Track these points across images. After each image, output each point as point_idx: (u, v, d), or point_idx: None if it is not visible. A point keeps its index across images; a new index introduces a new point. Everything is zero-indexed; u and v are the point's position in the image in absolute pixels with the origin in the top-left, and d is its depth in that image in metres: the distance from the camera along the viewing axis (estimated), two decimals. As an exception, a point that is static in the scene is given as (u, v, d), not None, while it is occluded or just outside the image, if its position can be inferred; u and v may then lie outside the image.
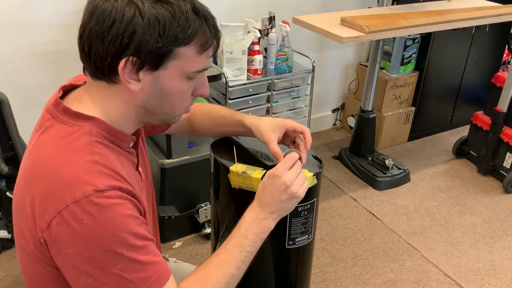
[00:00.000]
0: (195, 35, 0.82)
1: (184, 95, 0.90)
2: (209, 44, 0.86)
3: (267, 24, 2.49)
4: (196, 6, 0.82)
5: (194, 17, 0.81)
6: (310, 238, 1.19)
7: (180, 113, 0.94)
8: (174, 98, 0.88)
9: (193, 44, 0.83)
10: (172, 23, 0.79)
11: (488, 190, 2.85)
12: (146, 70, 0.82)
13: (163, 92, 0.86)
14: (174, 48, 0.81)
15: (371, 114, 2.90)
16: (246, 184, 1.07)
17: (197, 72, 0.88)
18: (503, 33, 3.21)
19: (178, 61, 0.83)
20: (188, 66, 0.85)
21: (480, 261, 2.30)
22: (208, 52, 0.87)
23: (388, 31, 2.23)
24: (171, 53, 0.82)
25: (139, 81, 0.83)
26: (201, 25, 0.83)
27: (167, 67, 0.83)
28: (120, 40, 0.78)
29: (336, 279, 2.16)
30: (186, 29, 0.81)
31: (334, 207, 2.64)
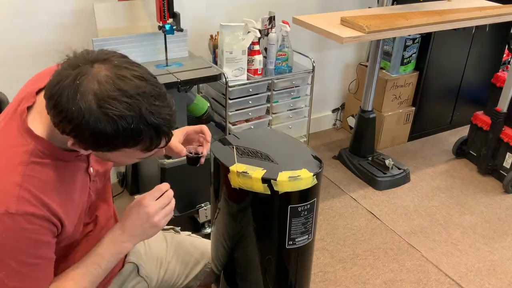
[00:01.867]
0: (137, 143, 0.89)
1: (132, 160, 1.00)
2: (155, 145, 0.92)
3: (267, 24, 2.49)
4: (144, 117, 0.86)
5: (139, 128, 0.86)
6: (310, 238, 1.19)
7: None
8: (122, 163, 1.02)
9: (137, 147, 0.90)
10: (113, 135, 0.85)
11: (488, 190, 2.85)
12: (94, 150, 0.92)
13: (107, 158, 0.98)
14: (117, 149, 0.90)
15: (371, 114, 2.90)
16: (246, 184, 1.07)
17: (147, 157, 0.97)
18: (503, 33, 3.21)
19: (123, 153, 0.92)
20: (134, 156, 0.94)
21: (480, 261, 2.30)
22: (157, 147, 0.94)
23: (388, 31, 2.23)
24: (115, 149, 0.90)
25: (86, 150, 0.91)
26: (147, 133, 0.88)
27: (112, 153, 0.92)
28: (66, 127, 0.85)
29: (336, 279, 2.16)
30: (128, 139, 0.87)
31: (334, 207, 2.64)
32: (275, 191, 1.07)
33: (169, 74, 2.07)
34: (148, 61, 2.19)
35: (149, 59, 2.20)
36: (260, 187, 1.07)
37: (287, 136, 1.34)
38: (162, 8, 2.02)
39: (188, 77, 2.06)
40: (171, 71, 2.11)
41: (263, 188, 1.07)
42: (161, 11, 2.03)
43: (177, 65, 2.19)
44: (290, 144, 1.29)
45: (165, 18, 2.04)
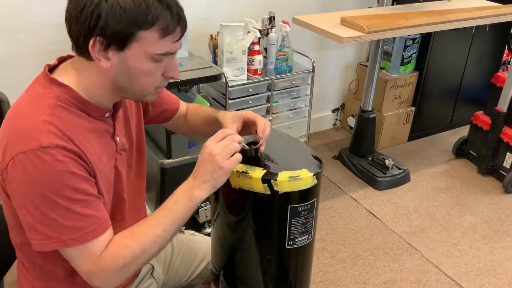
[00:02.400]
0: (155, 20, 0.90)
1: (151, 75, 0.97)
2: (171, 29, 0.92)
3: (267, 24, 2.49)
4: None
5: (156, 4, 0.89)
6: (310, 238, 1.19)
7: (149, 92, 1.01)
8: (141, 77, 0.96)
9: (154, 28, 0.90)
10: (132, 8, 0.88)
11: (488, 190, 2.85)
12: (113, 50, 0.91)
13: (130, 71, 0.95)
14: (135, 31, 0.90)
15: (371, 114, 2.90)
16: (246, 184, 1.07)
17: (162, 55, 0.95)
18: (503, 33, 3.21)
19: (140, 43, 0.91)
20: (150, 48, 0.92)
21: (480, 261, 2.30)
22: (172, 36, 0.93)
23: (388, 31, 2.23)
24: (133, 36, 0.90)
25: (109, 59, 0.92)
26: (163, 11, 0.90)
27: (131, 48, 0.92)
28: (88, 22, 0.89)
29: (336, 279, 2.16)
30: (146, 14, 0.89)
31: (334, 207, 2.64)
32: (275, 191, 1.07)
33: (169, 74, 2.07)
34: (148, 61, 2.19)
35: (149, 59, 2.20)
36: (260, 187, 1.07)
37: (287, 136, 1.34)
38: (162, 8, 2.02)
39: (188, 77, 2.06)
40: (171, 71, 2.10)
41: (263, 188, 1.07)
42: (161, 11, 2.03)
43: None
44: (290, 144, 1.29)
45: (165, 18, 2.04)
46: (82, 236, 0.93)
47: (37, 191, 0.90)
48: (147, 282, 1.32)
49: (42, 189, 0.89)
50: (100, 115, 1.02)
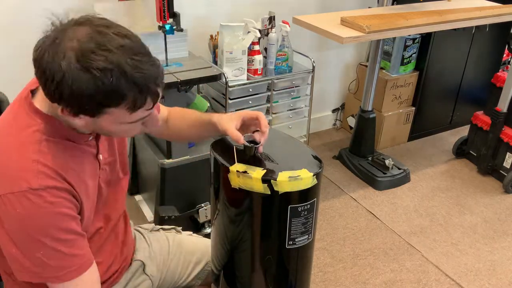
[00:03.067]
0: (121, 100, 0.86)
1: (129, 131, 0.99)
2: (140, 104, 0.89)
3: (267, 24, 2.49)
4: (124, 70, 0.84)
5: (120, 84, 0.84)
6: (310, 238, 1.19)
7: (132, 135, 1.00)
8: (119, 134, 0.99)
9: (122, 106, 0.88)
10: (94, 91, 0.84)
11: (488, 190, 2.85)
12: (84, 116, 0.90)
13: (105, 130, 0.96)
14: (103, 109, 0.88)
15: (371, 114, 2.90)
16: (246, 184, 1.07)
17: (137, 121, 0.94)
18: (503, 33, 3.21)
19: (110, 115, 0.90)
20: (122, 119, 0.92)
21: (480, 261, 2.30)
22: (143, 108, 0.91)
23: (388, 31, 2.23)
24: (102, 112, 0.89)
25: (81, 119, 0.91)
26: (129, 89, 0.86)
27: (102, 118, 0.90)
28: (53, 92, 0.86)
29: (336, 279, 2.16)
30: (110, 95, 0.85)
31: (334, 207, 2.64)
32: (275, 191, 1.07)
33: (169, 74, 2.07)
34: (148, 61, 2.19)
35: (149, 59, 2.20)
36: (260, 187, 1.07)
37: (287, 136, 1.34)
38: (162, 8, 2.02)
39: (188, 77, 2.06)
40: (171, 71, 2.11)
41: (263, 188, 1.07)
42: (161, 11, 2.03)
43: (177, 65, 2.19)
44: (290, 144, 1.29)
45: (165, 18, 2.04)
46: (66, 274, 0.95)
47: (24, 231, 0.90)
48: (139, 278, 1.32)
49: (30, 230, 0.90)
50: (84, 140, 1.03)
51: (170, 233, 1.48)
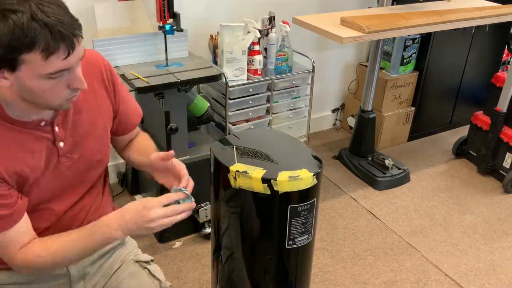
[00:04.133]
0: (33, 43, 0.88)
1: (53, 91, 0.98)
2: (53, 49, 0.90)
3: (267, 24, 2.49)
4: (35, 15, 0.88)
5: (32, 26, 0.87)
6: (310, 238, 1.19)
7: (60, 103, 1.03)
8: (43, 94, 0.97)
9: (35, 50, 0.89)
10: (6, 34, 0.87)
11: (488, 190, 2.85)
12: (6, 71, 0.92)
13: (28, 89, 0.96)
14: (17, 56, 0.90)
15: (371, 114, 2.90)
16: (246, 184, 1.08)
17: (55, 73, 0.94)
18: (503, 33, 3.21)
19: (28, 65, 0.91)
20: (39, 70, 0.92)
21: (480, 261, 2.30)
22: (57, 55, 0.92)
23: (388, 31, 2.23)
24: (17, 60, 0.90)
25: (6, 78, 0.94)
26: (41, 32, 0.88)
27: (22, 70, 0.92)
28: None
29: (336, 279, 2.16)
30: (22, 38, 0.87)
31: (334, 207, 2.64)
32: (275, 191, 1.07)
33: (169, 74, 2.07)
34: (148, 61, 2.19)
35: (149, 59, 2.20)
36: (260, 187, 1.07)
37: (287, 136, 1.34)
38: (162, 8, 2.02)
39: (188, 77, 2.06)
40: (171, 71, 2.11)
41: (263, 188, 1.07)
42: (161, 11, 2.03)
43: (177, 65, 2.19)
44: (290, 144, 1.30)
45: (165, 18, 2.04)
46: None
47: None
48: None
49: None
50: (31, 126, 1.06)
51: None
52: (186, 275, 2.14)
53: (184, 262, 2.21)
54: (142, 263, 1.36)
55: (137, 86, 1.93)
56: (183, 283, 2.10)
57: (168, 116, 2.10)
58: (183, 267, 2.18)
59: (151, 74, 2.05)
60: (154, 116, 2.26)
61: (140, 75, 2.02)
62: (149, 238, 2.33)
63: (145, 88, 1.95)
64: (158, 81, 1.99)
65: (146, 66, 2.14)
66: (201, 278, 2.13)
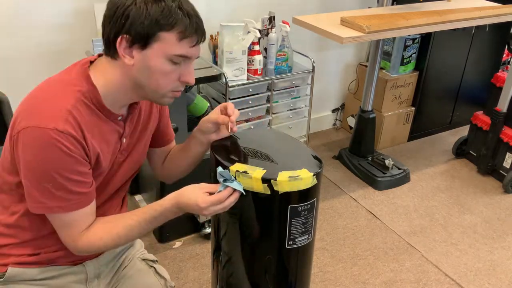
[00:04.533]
0: (175, 24, 1.01)
1: (168, 76, 1.07)
2: (188, 34, 1.03)
3: (267, 24, 2.49)
4: (182, 5, 1.03)
5: (177, 11, 1.02)
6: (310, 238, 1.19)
7: (165, 93, 1.10)
8: (159, 77, 1.06)
9: (174, 30, 1.02)
10: (156, 11, 1.00)
11: (488, 190, 2.85)
12: (136, 48, 1.03)
13: (149, 68, 1.05)
14: (157, 32, 1.01)
15: (371, 114, 2.90)
16: (246, 184, 1.08)
17: (179, 57, 1.05)
18: (503, 33, 3.21)
19: (161, 43, 1.02)
20: (169, 49, 1.03)
21: (480, 261, 2.30)
22: (189, 41, 1.04)
23: (388, 31, 2.23)
24: (155, 36, 1.02)
25: (132, 57, 1.04)
26: (183, 17, 1.02)
27: (153, 47, 1.03)
28: (118, 21, 1.01)
29: (336, 279, 2.16)
30: (168, 17, 1.01)
31: (334, 207, 2.64)
32: (275, 191, 1.07)
33: (169, 74, 2.07)
34: (148, 61, 2.19)
35: (149, 59, 2.20)
36: (260, 187, 1.07)
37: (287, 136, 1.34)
38: (162, 8, 2.02)
39: (188, 77, 2.05)
40: (171, 71, 2.10)
41: (263, 188, 1.07)
42: (161, 11, 2.03)
43: (177, 65, 2.19)
44: (290, 144, 1.29)
45: (165, 18, 2.04)
46: (68, 206, 1.07)
47: (40, 164, 1.01)
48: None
49: (45, 164, 1.01)
50: (113, 118, 1.13)
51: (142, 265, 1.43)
52: (186, 275, 2.14)
53: (184, 262, 2.21)
54: (149, 261, 1.42)
55: (137, 86, 1.93)
56: (183, 283, 2.10)
57: (168, 116, 2.09)
58: (183, 267, 2.18)
59: (151, 74, 2.05)
60: (154, 116, 2.26)
61: (140, 75, 2.02)
62: (149, 238, 2.33)
63: (145, 88, 1.94)
64: (158, 81, 1.99)
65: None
66: (201, 278, 2.13)
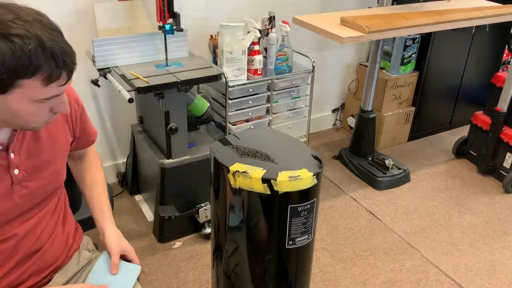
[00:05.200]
0: (37, 70, 0.88)
1: (37, 115, 0.97)
2: (55, 77, 0.91)
3: (267, 24, 2.49)
4: (43, 43, 0.87)
5: (37, 54, 0.87)
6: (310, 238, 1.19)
7: (37, 126, 1.01)
8: (25, 117, 0.95)
9: (37, 77, 0.89)
10: (11, 60, 0.85)
11: (488, 190, 2.85)
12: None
13: (12, 111, 0.94)
14: (15, 80, 0.88)
15: (371, 114, 2.90)
16: (246, 184, 1.08)
17: (47, 99, 0.94)
18: (503, 33, 3.21)
19: (23, 89, 0.90)
20: (34, 95, 0.92)
21: (480, 261, 2.30)
22: (57, 82, 0.92)
23: (388, 31, 2.23)
24: (14, 84, 0.89)
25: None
26: (46, 60, 0.88)
27: (13, 93, 0.90)
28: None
29: (336, 279, 2.16)
30: (27, 65, 0.87)
31: (334, 207, 2.64)
32: (275, 191, 1.07)
33: (169, 74, 2.07)
34: (148, 61, 2.19)
35: (149, 59, 2.20)
36: (260, 187, 1.07)
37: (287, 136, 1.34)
38: (162, 8, 2.02)
39: (188, 77, 2.06)
40: (171, 71, 2.11)
41: (263, 188, 1.07)
42: (161, 11, 2.03)
43: (177, 65, 2.19)
44: (290, 144, 1.29)
45: (165, 18, 2.04)
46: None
47: None
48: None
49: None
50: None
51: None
52: (186, 275, 2.14)
53: (184, 262, 2.21)
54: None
55: (137, 86, 1.93)
56: (183, 283, 2.10)
57: (168, 116, 2.10)
58: (183, 267, 2.18)
59: (151, 74, 2.05)
60: (154, 116, 2.26)
61: (140, 75, 2.02)
62: (149, 238, 2.33)
63: (145, 88, 1.95)
64: (158, 81, 1.99)
65: (146, 66, 2.14)
66: (201, 278, 2.13)
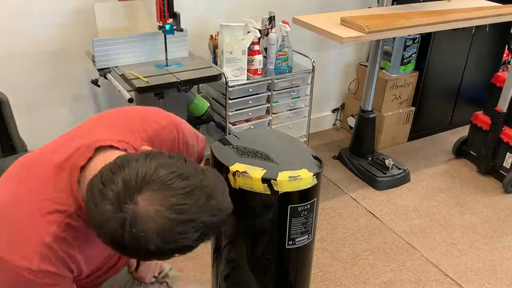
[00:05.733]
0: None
1: None
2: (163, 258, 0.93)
3: (267, 24, 2.49)
4: (209, 225, 0.87)
5: (201, 238, 0.88)
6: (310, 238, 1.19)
7: None
8: None
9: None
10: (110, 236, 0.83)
11: (488, 190, 2.85)
12: None
13: None
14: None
15: (371, 114, 2.90)
16: (246, 184, 1.08)
17: None
18: (503, 33, 3.21)
19: None
20: None
21: (480, 261, 2.30)
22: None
23: (388, 31, 2.23)
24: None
25: None
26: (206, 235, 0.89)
27: None
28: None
29: (336, 279, 2.16)
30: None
31: (334, 207, 2.64)
32: (275, 191, 1.07)
33: (169, 74, 2.07)
34: (148, 61, 2.19)
35: (149, 59, 2.20)
36: (260, 187, 1.07)
37: (287, 136, 1.34)
38: (162, 8, 2.02)
39: (188, 77, 2.06)
40: (171, 71, 2.11)
41: (263, 188, 1.07)
42: (161, 11, 2.03)
43: (177, 65, 2.19)
44: (290, 144, 1.29)
45: (165, 18, 2.04)
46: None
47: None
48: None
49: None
50: None
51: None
52: (186, 275, 2.14)
53: (184, 262, 2.21)
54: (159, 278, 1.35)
55: (137, 86, 1.94)
56: (183, 283, 2.10)
57: (168, 116, 2.09)
58: (183, 267, 2.18)
59: (151, 74, 2.05)
60: (154, 116, 2.26)
61: (140, 75, 2.02)
62: (149, 238, 2.33)
63: (145, 88, 1.95)
64: (158, 81, 1.99)
65: (146, 66, 2.14)
66: (201, 278, 2.13)
